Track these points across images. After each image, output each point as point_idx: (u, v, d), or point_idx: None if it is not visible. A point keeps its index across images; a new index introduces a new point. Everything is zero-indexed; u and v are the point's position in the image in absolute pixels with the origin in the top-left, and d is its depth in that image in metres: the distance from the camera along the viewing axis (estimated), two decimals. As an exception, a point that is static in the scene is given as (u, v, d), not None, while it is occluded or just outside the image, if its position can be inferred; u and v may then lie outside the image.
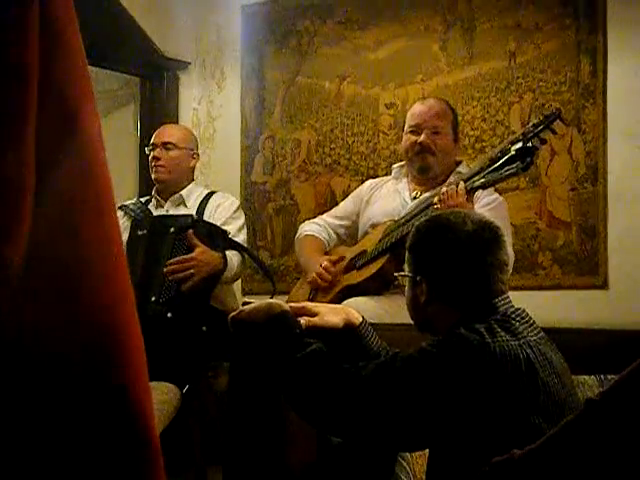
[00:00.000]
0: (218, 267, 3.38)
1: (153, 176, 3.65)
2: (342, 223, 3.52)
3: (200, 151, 3.84)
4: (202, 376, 3.39)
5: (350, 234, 3.50)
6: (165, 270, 3.28)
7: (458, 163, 3.35)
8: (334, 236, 3.51)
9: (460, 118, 4.01)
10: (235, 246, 3.50)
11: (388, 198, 3.39)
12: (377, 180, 3.59)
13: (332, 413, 1.84)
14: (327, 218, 3.57)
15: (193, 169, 3.74)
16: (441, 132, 3.26)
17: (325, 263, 3.29)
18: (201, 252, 3.33)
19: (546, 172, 3.86)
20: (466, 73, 4.06)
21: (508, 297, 1.93)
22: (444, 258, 1.92)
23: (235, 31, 4.67)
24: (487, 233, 1.93)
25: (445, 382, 1.77)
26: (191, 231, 3.35)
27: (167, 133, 3.72)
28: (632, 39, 3.75)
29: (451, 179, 3.22)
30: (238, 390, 2.98)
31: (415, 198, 3.30)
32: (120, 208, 3.56)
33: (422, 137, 3.25)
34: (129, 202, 3.68)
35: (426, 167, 3.28)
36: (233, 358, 3.07)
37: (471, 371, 1.77)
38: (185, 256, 3.31)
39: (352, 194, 3.61)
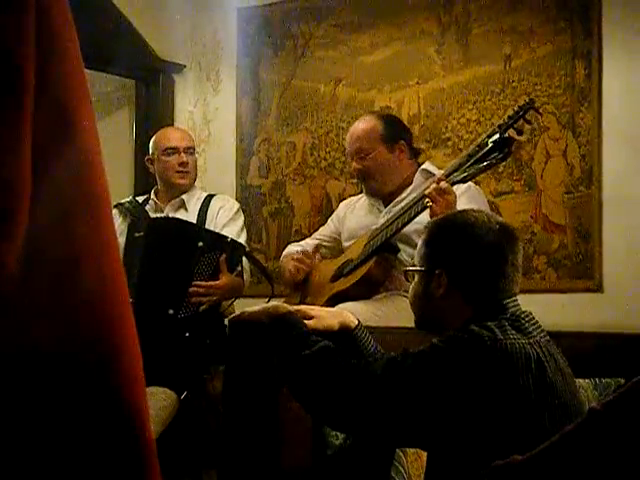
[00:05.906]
0: (237, 292, 3.44)
1: (179, 182, 3.59)
2: (323, 242, 3.56)
3: (195, 154, 3.83)
4: (198, 380, 3.38)
5: (331, 253, 3.53)
6: (190, 290, 3.28)
7: (420, 164, 3.36)
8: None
9: (455, 122, 4.02)
10: (248, 257, 3.55)
11: (364, 210, 3.44)
12: (350, 199, 3.65)
13: (342, 408, 1.87)
14: (307, 239, 3.65)
15: None
16: (369, 153, 3.26)
17: (299, 255, 3.35)
18: (227, 282, 3.36)
19: (541, 176, 3.87)
20: (461, 76, 4.07)
21: (517, 300, 1.95)
22: (469, 250, 1.94)
23: (231, 34, 4.66)
24: (510, 233, 1.98)
25: (457, 378, 1.78)
26: (224, 257, 3.35)
27: (185, 137, 3.68)
28: (627, 43, 3.76)
29: (418, 178, 3.25)
30: (233, 393, 2.98)
31: (387, 205, 3.31)
32: (115, 206, 3.52)
33: (353, 165, 3.32)
34: (124, 200, 3.64)
35: (373, 191, 3.32)
36: (228, 361, 3.07)
37: (483, 367, 1.78)
38: (212, 283, 3.32)
39: (330, 217, 3.67)
